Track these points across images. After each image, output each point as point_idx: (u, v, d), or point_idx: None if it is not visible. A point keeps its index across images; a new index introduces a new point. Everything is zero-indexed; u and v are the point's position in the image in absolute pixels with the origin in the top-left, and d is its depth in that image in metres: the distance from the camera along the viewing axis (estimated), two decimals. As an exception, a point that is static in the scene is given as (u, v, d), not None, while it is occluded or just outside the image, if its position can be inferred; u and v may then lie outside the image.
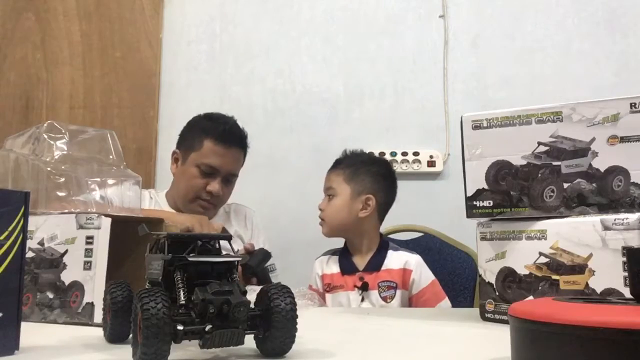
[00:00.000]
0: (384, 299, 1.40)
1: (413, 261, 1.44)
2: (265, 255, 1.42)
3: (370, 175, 1.50)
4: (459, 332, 0.85)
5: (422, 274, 1.44)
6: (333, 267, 1.49)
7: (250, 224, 1.72)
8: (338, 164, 1.54)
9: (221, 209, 1.71)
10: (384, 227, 1.63)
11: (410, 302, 1.43)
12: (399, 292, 1.41)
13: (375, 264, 1.45)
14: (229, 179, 1.60)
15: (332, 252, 1.54)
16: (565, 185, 0.86)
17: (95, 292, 0.84)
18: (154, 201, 1.66)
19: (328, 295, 1.46)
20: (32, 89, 2.23)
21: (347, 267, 1.47)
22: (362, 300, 1.41)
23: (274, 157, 2.16)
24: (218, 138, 1.55)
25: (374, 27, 2.20)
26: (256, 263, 1.38)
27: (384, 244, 1.50)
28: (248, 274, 1.36)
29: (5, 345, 0.61)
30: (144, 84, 2.21)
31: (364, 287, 1.41)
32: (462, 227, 1.16)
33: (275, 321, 0.57)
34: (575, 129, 0.85)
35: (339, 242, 1.72)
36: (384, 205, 1.53)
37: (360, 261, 1.48)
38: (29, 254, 0.89)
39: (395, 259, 1.45)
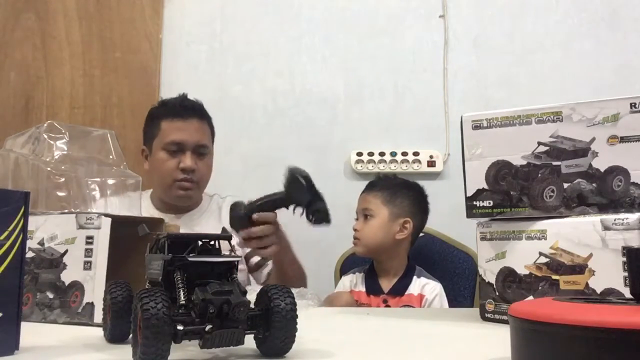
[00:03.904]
0: None
1: (430, 287, 1.48)
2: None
3: (408, 199, 1.54)
4: (459, 332, 0.85)
5: (434, 299, 1.46)
6: (360, 286, 1.53)
7: None
8: (374, 186, 1.56)
9: (214, 205, 1.66)
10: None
11: None
12: None
13: (400, 289, 1.48)
14: (200, 152, 1.54)
15: (359, 271, 1.57)
16: (565, 185, 0.86)
17: (95, 292, 0.84)
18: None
19: None
20: (32, 89, 2.23)
21: (372, 288, 1.51)
22: None
23: (274, 157, 2.16)
24: (172, 114, 1.54)
25: (374, 27, 2.20)
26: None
27: (411, 269, 1.52)
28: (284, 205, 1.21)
29: (5, 345, 0.61)
30: (144, 84, 2.20)
31: None
32: (462, 227, 1.16)
33: (275, 321, 0.57)
34: (575, 129, 0.85)
35: (342, 243, 1.72)
36: (418, 229, 1.56)
37: (386, 284, 1.51)
38: (29, 254, 0.89)
39: (417, 285, 1.48)
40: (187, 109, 1.55)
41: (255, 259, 1.46)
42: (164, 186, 1.55)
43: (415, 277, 1.50)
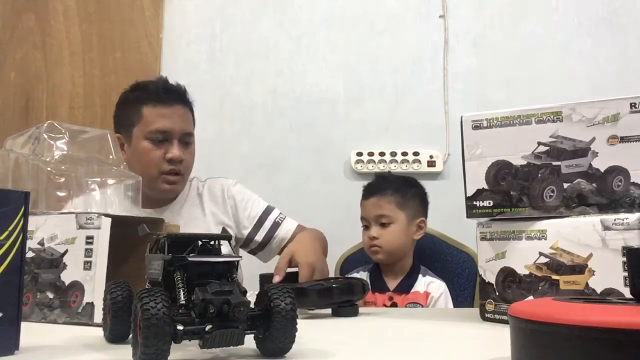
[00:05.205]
0: None
1: (435, 285, 1.48)
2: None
3: (418, 198, 1.55)
4: (459, 332, 0.85)
5: (440, 297, 1.47)
6: None
7: (230, 196, 1.54)
8: (383, 190, 1.52)
9: (194, 191, 1.55)
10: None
11: None
12: None
13: (406, 286, 1.48)
14: (186, 141, 1.44)
15: (363, 269, 1.57)
16: (565, 185, 0.86)
17: (95, 292, 0.84)
18: None
19: None
20: (32, 89, 2.23)
21: (378, 286, 1.50)
22: None
23: (274, 157, 2.16)
24: (155, 100, 1.42)
25: (374, 27, 2.20)
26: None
27: (416, 268, 1.53)
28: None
29: (5, 345, 0.61)
30: (144, 84, 2.20)
31: (393, 307, 1.45)
32: (462, 227, 1.16)
33: (275, 321, 0.57)
34: (575, 129, 0.85)
35: (342, 244, 1.72)
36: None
37: (392, 282, 1.51)
38: (29, 254, 0.89)
39: (422, 283, 1.49)
40: (171, 93, 1.45)
41: None
42: (148, 178, 1.37)
43: (420, 276, 1.50)
